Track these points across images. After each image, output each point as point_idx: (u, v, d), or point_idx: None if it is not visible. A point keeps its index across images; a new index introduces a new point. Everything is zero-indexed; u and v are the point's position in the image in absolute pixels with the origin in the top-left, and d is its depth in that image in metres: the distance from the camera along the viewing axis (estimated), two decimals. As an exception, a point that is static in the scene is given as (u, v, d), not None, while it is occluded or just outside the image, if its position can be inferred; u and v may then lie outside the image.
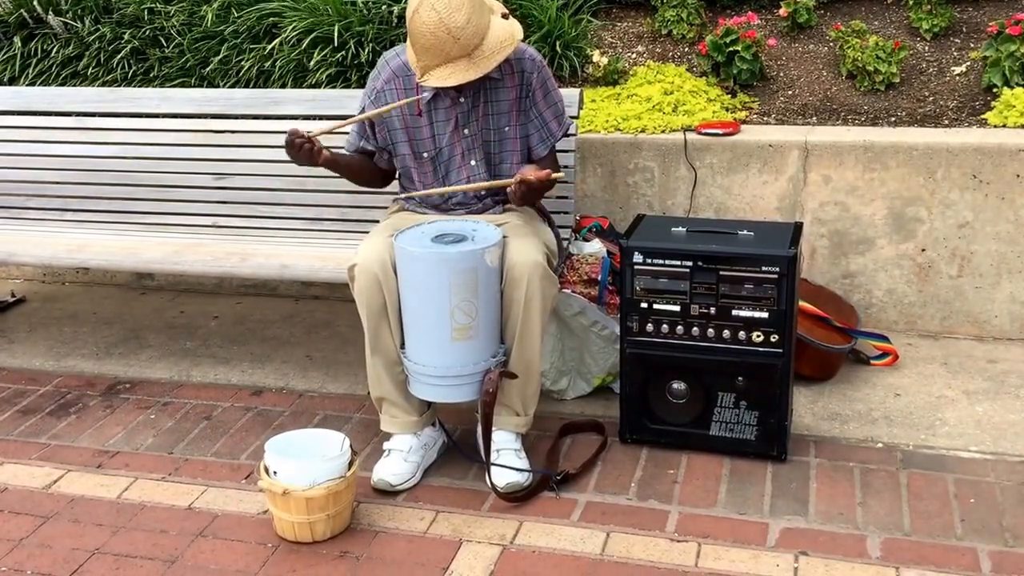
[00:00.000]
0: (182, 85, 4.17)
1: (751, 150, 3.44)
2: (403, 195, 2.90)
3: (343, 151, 2.91)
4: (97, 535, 2.56)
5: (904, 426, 2.90)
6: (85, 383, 3.42)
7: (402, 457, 2.71)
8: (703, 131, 3.50)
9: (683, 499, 2.60)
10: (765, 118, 3.69)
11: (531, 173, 2.60)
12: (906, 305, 3.46)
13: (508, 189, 2.66)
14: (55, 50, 4.34)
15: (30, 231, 3.56)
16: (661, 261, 2.71)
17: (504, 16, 2.65)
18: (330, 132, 2.77)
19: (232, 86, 4.08)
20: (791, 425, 2.80)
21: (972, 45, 3.84)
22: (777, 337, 2.66)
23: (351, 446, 2.55)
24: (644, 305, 2.75)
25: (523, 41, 2.68)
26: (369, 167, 2.92)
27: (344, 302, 3.83)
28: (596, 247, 3.14)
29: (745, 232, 2.75)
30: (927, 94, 3.68)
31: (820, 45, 4.01)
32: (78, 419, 3.17)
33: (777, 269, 2.62)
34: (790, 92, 3.81)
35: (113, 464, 2.90)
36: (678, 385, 2.78)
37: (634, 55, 4.09)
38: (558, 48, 3.89)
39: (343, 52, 3.91)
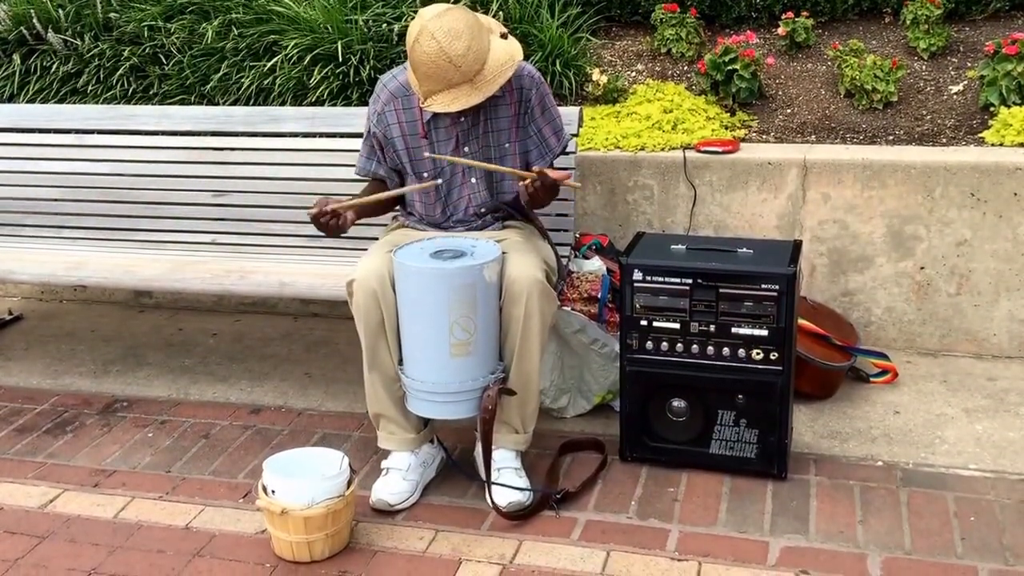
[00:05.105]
0: (182, 102, 4.18)
1: (750, 168, 3.45)
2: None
3: (359, 190, 2.89)
4: (94, 555, 2.54)
5: (904, 444, 2.89)
6: (82, 401, 3.41)
7: (401, 475, 2.70)
8: (702, 149, 3.50)
9: (683, 517, 2.59)
10: (764, 136, 3.70)
11: (550, 171, 2.61)
12: (905, 323, 3.46)
13: (522, 184, 2.65)
14: (54, 67, 4.35)
15: (28, 248, 3.56)
16: (661, 279, 2.71)
17: (503, 36, 2.66)
18: (357, 205, 2.69)
19: (232, 103, 4.09)
20: (791, 443, 2.79)
21: (969, 64, 3.86)
22: (777, 355, 2.66)
23: (350, 465, 2.54)
24: (644, 323, 2.74)
25: (523, 60, 2.69)
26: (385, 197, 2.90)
27: (343, 320, 3.82)
28: (596, 265, 3.14)
29: (744, 250, 2.75)
30: (925, 113, 3.69)
31: (818, 64, 4.02)
32: (75, 437, 3.16)
33: (777, 287, 2.62)
34: (789, 110, 3.83)
35: (110, 483, 2.88)
36: (678, 403, 2.77)
37: (633, 73, 4.10)
38: (558, 67, 3.90)
39: (344, 69, 3.92)
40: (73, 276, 3.30)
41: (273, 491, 2.45)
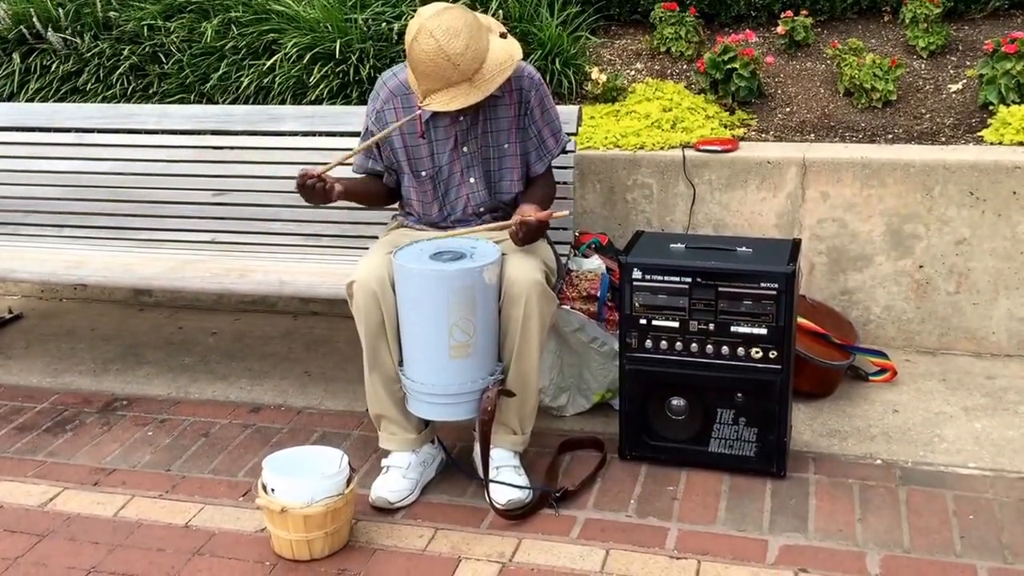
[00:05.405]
0: (181, 101, 4.18)
1: (749, 167, 3.45)
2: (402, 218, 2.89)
3: (352, 174, 2.91)
4: (93, 553, 2.55)
5: (903, 442, 2.89)
6: (82, 400, 3.42)
7: (401, 474, 2.70)
8: (701, 148, 3.51)
9: (683, 516, 2.59)
10: (763, 135, 3.70)
11: (531, 213, 2.60)
12: (904, 321, 3.46)
13: (509, 231, 2.66)
14: (54, 66, 4.35)
15: (28, 247, 3.56)
16: (660, 277, 2.71)
17: (503, 35, 2.66)
18: (339, 164, 2.75)
19: (231, 102, 4.09)
20: (790, 442, 2.79)
21: (968, 63, 3.86)
22: (776, 353, 2.66)
23: (349, 463, 2.54)
24: (643, 321, 2.75)
25: (523, 59, 2.70)
26: (379, 189, 2.92)
27: (343, 318, 3.82)
28: (595, 263, 3.14)
29: (744, 248, 2.75)
30: (924, 111, 3.70)
31: (817, 63, 4.02)
32: (75, 436, 3.16)
33: (776, 285, 2.62)
34: (788, 109, 3.83)
35: (110, 481, 2.89)
36: (677, 401, 2.78)
37: (633, 72, 4.10)
38: (557, 65, 3.90)
39: (343, 68, 3.92)
40: (73, 275, 3.30)
41: (273, 489, 2.46)
